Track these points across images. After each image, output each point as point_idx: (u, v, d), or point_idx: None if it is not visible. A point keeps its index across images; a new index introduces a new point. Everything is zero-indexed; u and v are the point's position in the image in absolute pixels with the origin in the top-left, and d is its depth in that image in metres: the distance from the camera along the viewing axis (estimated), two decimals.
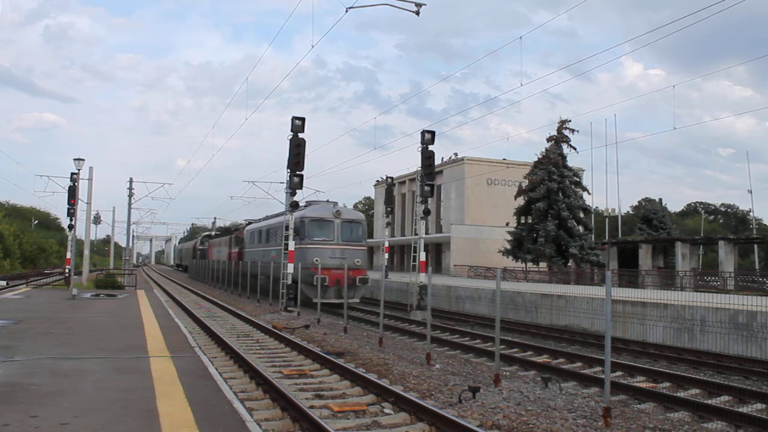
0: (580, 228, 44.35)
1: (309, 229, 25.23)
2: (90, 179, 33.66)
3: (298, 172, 22.91)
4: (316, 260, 23.84)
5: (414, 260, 25.61)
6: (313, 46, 23.39)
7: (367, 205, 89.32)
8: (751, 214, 73.04)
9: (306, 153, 23.11)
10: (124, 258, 64.97)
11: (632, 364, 12.63)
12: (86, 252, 37.20)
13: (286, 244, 23.89)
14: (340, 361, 11.50)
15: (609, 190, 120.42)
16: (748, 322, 14.25)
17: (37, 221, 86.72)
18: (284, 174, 28.47)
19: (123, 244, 75.09)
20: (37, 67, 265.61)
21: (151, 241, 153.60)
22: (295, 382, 10.17)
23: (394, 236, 60.91)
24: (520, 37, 18.25)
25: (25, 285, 31.97)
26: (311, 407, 8.11)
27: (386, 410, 8.40)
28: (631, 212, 76.77)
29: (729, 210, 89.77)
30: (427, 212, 25.02)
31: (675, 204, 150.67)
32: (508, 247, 46.22)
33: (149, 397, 7.18)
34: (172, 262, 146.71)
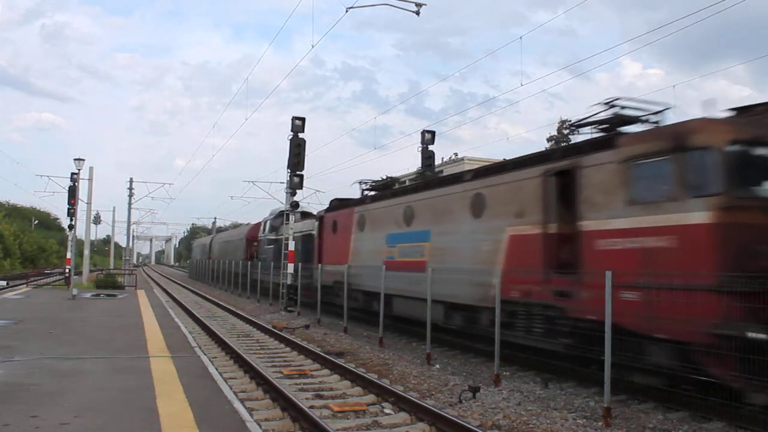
0: None
1: None
2: (90, 179, 33.72)
3: (298, 172, 22.97)
4: None
5: None
6: (313, 47, 23.35)
7: None
8: None
9: (305, 153, 23.13)
10: (124, 258, 64.98)
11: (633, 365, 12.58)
12: (86, 252, 37.24)
13: (286, 244, 23.84)
14: (341, 361, 11.50)
15: None
16: None
17: (37, 221, 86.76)
18: (284, 174, 28.09)
19: (123, 244, 75.10)
20: (34, 66, 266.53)
21: (151, 241, 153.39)
22: (295, 382, 10.18)
23: None
24: (521, 37, 18.02)
25: (25, 285, 31.95)
26: (311, 407, 8.11)
27: (386, 410, 8.40)
28: None
29: None
30: None
31: None
32: None
33: (149, 397, 7.19)
34: (173, 262, 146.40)
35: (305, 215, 29.03)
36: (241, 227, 47.02)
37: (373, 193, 20.15)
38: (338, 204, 21.65)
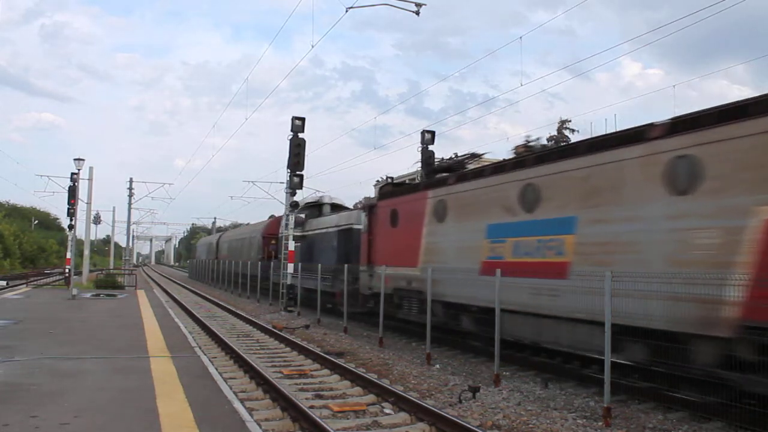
0: None
1: None
2: (90, 179, 33.72)
3: (298, 172, 22.98)
4: None
5: None
6: (313, 47, 23.33)
7: None
8: None
9: (305, 153, 23.17)
10: (124, 258, 64.99)
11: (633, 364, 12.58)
12: (86, 252, 37.24)
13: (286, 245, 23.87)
14: (340, 361, 11.50)
15: None
16: None
17: (37, 221, 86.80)
18: (284, 174, 27.81)
19: (123, 244, 75.11)
20: (33, 66, 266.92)
21: (151, 241, 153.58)
22: (295, 382, 10.18)
23: None
24: (521, 37, 18.05)
25: (25, 285, 31.96)
26: (311, 407, 8.11)
27: (386, 410, 8.40)
28: None
29: None
30: None
31: None
32: None
33: (149, 397, 7.19)
34: (172, 262, 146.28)
35: (336, 207, 25.92)
36: (255, 224, 40.83)
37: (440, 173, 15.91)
38: (397, 189, 17.77)
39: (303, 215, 26.06)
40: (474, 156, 16.02)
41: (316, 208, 26.56)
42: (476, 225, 12.91)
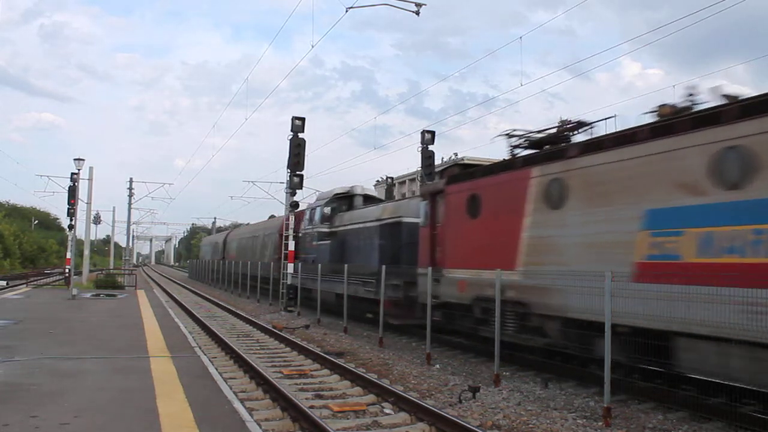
0: None
1: None
2: (90, 179, 33.74)
3: (298, 172, 22.98)
4: None
5: None
6: (313, 47, 23.33)
7: None
8: None
9: (305, 153, 23.16)
10: (124, 258, 65.00)
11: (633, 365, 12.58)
12: (86, 252, 37.26)
13: (286, 244, 23.89)
14: (340, 361, 11.50)
15: None
16: None
17: (37, 221, 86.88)
18: (284, 174, 27.77)
19: (123, 244, 75.12)
20: (33, 66, 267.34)
21: (151, 241, 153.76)
22: (295, 382, 10.18)
23: None
24: (520, 37, 18.06)
25: (25, 285, 31.97)
26: (311, 407, 8.11)
27: (386, 410, 8.40)
28: None
29: None
30: None
31: None
32: None
33: (149, 397, 7.19)
34: (172, 262, 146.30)
35: (369, 199, 22.75)
36: (270, 220, 36.87)
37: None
38: (477, 169, 13.84)
39: (329, 209, 22.82)
40: (581, 125, 11.95)
41: (345, 200, 22.95)
42: (624, 211, 9.27)
